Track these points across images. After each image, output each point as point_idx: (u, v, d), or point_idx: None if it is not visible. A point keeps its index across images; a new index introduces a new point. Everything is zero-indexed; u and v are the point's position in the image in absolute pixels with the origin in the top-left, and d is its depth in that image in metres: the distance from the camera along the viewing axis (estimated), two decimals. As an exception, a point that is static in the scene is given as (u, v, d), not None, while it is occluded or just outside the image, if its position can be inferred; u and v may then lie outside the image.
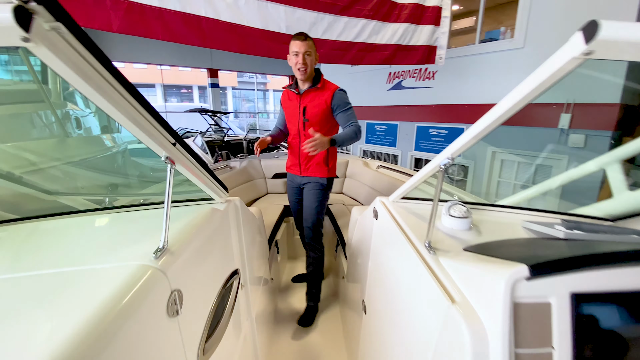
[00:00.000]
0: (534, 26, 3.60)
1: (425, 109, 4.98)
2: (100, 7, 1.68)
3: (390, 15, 2.70)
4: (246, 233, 1.22)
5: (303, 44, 1.68)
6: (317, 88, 1.80)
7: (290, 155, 2.03)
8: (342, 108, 1.79)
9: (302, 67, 1.71)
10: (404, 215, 1.00)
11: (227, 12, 2.08)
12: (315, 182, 1.94)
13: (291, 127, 1.94)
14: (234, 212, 1.11)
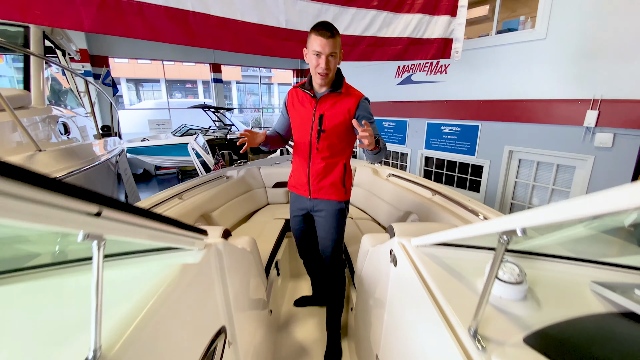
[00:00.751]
0: (558, 15, 3.31)
1: (437, 104, 4.71)
2: (69, 4, 1.46)
3: (403, 5, 2.43)
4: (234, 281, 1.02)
5: (328, 42, 1.34)
6: (339, 93, 1.48)
7: (296, 172, 1.68)
8: (368, 119, 1.47)
9: (324, 71, 1.39)
10: (431, 268, 0.79)
11: (218, 6, 1.83)
12: (331, 208, 1.60)
13: (299, 136, 1.58)
14: (216, 260, 0.90)
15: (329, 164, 1.55)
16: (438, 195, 1.97)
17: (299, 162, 1.63)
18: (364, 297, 1.42)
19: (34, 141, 1.74)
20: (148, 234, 0.59)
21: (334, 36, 1.35)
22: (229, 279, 0.96)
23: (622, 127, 2.98)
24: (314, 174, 1.58)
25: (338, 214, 1.61)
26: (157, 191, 7.24)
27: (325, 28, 1.34)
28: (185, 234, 0.74)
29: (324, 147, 1.52)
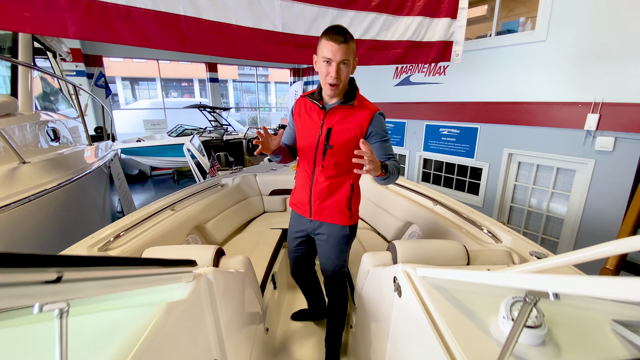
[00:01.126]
0: (558, 17, 3.26)
1: (435, 106, 4.66)
2: (52, 9, 1.37)
3: (403, 7, 2.36)
4: (227, 309, 0.95)
5: (340, 48, 1.19)
6: (351, 106, 1.33)
7: (298, 189, 1.54)
8: (381, 137, 1.34)
9: (335, 81, 1.25)
10: (439, 303, 0.73)
11: (211, 9, 1.75)
12: (333, 232, 1.46)
13: (304, 150, 1.45)
14: (206, 291, 0.84)
15: (334, 183, 1.41)
16: (439, 205, 1.91)
17: (302, 178, 1.50)
18: (364, 318, 1.36)
19: (17, 153, 1.66)
20: (126, 283, 0.52)
21: (347, 41, 1.21)
22: (220, 309, 0.90)
23: (624, 131, 2.94)
24: (316, 193, 1.44)
25: (341, 240, 1.47)
26: (153, 193, 7.12)
27: (337, 32, 1.20)
28: (170, 272, 0.68)
29: (330, 164, 1.38)
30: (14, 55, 2.42)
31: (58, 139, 2.53)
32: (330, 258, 1.52)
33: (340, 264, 1.53)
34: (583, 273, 1.11)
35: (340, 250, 1.50)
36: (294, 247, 1.66)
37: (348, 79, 1.32)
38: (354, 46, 1.27)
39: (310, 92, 1.44)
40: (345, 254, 1.53)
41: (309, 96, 1.42)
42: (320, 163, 1.39)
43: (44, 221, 1.84)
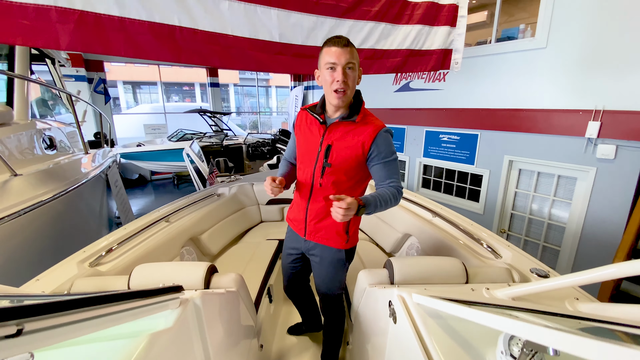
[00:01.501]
0: (558, 24, 3.24)
1: (435, 112, 4.64)
2: (44, 20, 1.36)
3: (402, 16, 2.34)
4: (216, 332, 0.92)
5: (344, 51, 1.13)
6: (353, 121, 1.24)
7: (295, 206, 1.47)
8: (384, 157, 1.23)
9: (342, 87, 1.16)
10: (434, 333, 0.70)
11: (207, 20, 1.73)
12: (328, 255, 1.39)
13: (302, 167, 1.37)
14: (193, 318, 0.81)
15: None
16: (438, 217, 1.88)
17: (299, 195, 1.42)
18: (361, 337, 1.33)
19: (8, 165, 1.64)
20: (101, 323, 0.49)
21: (350, 45, 1.16)
22: (209, 334, 0.87)
23: (625, 138, 2.91)
24: (312, 212, 1.36)
25: (336, 263, 1.39)
26: (153, 197, 7.10)
27: (338, 37, 1.17)
28: (154, 302, 0.65)
29: (328, 183, 1.29)
30: (10, 62, 2.41)
31: (55, 147, 2.52)
32: (325, 281, 1.46)
33: (335, 286, 1.47)
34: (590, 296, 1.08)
35: (335, 274, 1.43)
36: (288, 263, 1.60)
37: (355, 89, 1.25)
38: (357, 54, 1.21)
39: (312, 105, 1.37)
40: (341, 277, 1.46)
41: (310, 109, 1.34)
42: (318, 181, 1.31)
43: (38, 233, 1.82)
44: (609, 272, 0.73)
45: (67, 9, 1.41)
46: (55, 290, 1.13)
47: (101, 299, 0.49)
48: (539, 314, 0.77)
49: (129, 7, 1.53)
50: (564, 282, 0.84)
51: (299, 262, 1.57)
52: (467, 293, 1.05)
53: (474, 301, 0.81)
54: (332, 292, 1.48)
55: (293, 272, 1.61)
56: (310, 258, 1.49)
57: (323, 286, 1.48)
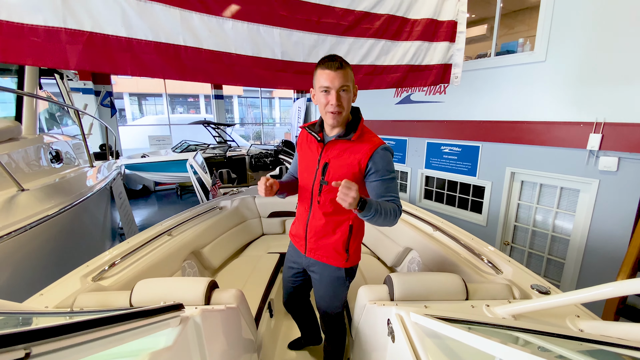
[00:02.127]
0: (557, 37, 3.29)
1: (436, 124, 4.67)
2: (53, 41, 1.41)
3: (401, 33, 2.40)
4: (216, 350, 0.93)
5: (337, 74, 1.14)
6: (349, 140, 1.24)
7: (297, 222, 1.48)
8: (382, 175, 1.22)
9: (337, 109, 1.18)
10: (432, 354, 0.70)
11: (211, 39, 1.79)
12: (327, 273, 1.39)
13: (302, 184, 1.39)
14: (193, 336, 0.82)
15: (331, 221, 1.32)
16: (439, 231, 1.88)
17: (300, 212, 1.43)
18: (361, 354, 1.33)
19: (15, 181, 1.68)
20: (106, 343, 0.51)
21: (343, 67, 1.16)
22: (209, 352, 0.88)
23: (627, 151, 2.91)
24: (312, 230, 1.37)
25: (335, 281, 1.39)
26: (156, 208, 7.15)
27: (331, 59, 1.16)
28: (155, 320, 0.66)
29: (326, 201, 1.30)
30: (20, 77, 2.49)
31: (61, 160, 2.57)
32: (324, 298, 1.46)
33: (335, 305, 1.46)
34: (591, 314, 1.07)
35: (335, 292, 1.42)
36: (289, 277, 1.60)
37: (350, 107, 1.26)
38: (352, 73, 1.22)
39: (311, 124, 1.39)
40: (340, 295, 1.46)
41: (310, 127, 1.36)
42: (316, 199, 1.32)
43: (43, 246, 1.84)
44: (608, 290, 0.74)
45: (77, 30, 1.47)
46: (58, 305, 1.14)
47: (105, 320, 0.50)
48: (540, 335, 0.77)
49: (135, 28, 1.58)
50: (565, 300, 0.85)
51: (299, 277, 1.57)
52: (467, 310, 1.05)
53: (473, 320, 0.81)
54: (331, 310, 1.47)
55: (294, 286, 1.61)
56: (311, 275, 1.49)
57: (323, 304, 1.48)
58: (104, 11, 1.51)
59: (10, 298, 0.87)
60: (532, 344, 0.78)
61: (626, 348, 0.73)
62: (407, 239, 2.03)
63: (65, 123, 3.50)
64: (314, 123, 1.38)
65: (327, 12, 2.15)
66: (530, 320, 1.01)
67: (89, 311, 1.05)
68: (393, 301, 1.12)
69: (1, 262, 1.48)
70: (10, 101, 2.41)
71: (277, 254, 2.26)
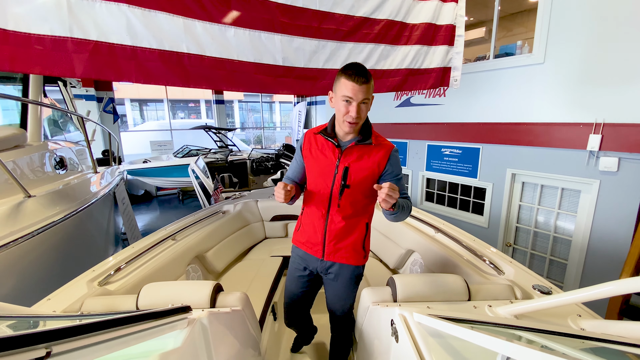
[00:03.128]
0: (555, 39, 3.31)
1: (437, 127, 4.69)
2: (60, 50, 1.45)
3: (400, 37, 2.43)
4: (222, 351, 0.94)
5: (362, 89, 1.18)
6: (368, 144, 1.32)
7: (307, 229, 1.47)
8: (396, 175, 1.34)
9: (355, 120, 1.24)
10: (436, 353, 0.71)
11: (214, 46, 1.82)
12: (347, 273, 1.43)
13: (317, 190, 1.39)
14: (200, 337, 0.84)
15: (350, 223, 1.38)
16: (440, 233, 1.89)
17: (313, 218, 1.44)
18: (365, 355, 1.34)
19: (22, 187, 1.70)
20: (119, 343, 0.53)
21: (369, 81, 1.20)
22: (215, 353, 0.89)
23: (627, 151, 2.92)
24: (331, 234, 1.39)
25: (353, 279, 1.45)
26: (158, 213, 7.15)
27: (359, 73, 1.19)
28: (165, 322, 0.68)
29: (347, 204, 1.35)
30: (25, 84, 2.52)
31: (65, 166, 2.59)
32: (341, 298, 1.49)
33: (349, 303, 1.51)
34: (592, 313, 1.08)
35: (352, 290, 1.48)
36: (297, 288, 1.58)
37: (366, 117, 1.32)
38: (373, 84, 1.26)
39: (322, 128, 1.41)
40: (355, 292, 1.50)
41: (323, 132, 1.38)
42: (336, 203, 1.35)
43: (49, 252, 1.86)
44: (609, 289, 0.75)
45: (83, 39, 1.50)
46: (66, 309, 1.16)
47: (118, 321, 0.52)
48: (542, 333, 0.78)
49: (140, 37, 1.62)
50: (566, 300, 0.86)
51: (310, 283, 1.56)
52: (469, 311, 1.06)
53: (476, 320, 0.83)
54: (346, 308, 1.51)
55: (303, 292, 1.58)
56: (326, 277, 1.50)
57: (338, 304, 1.51)
58: (109, 21, 1.55)
59: (18, 303, 0.89)
60: (535, 342, 0.79)
61: (628, 345, 0.74)
62: (409, 241, 2.05)
63: (68, 130, 3.54)
64: (325, 127, 1.40)
65: (327, 18, 2.19)
66: (532, 320, 1.02)
67: (99, 314, 1.07)
68: (396, 302, 1.14)
69: (9, 268, 1.51)
70: (15, 109, 2.45)
71: (280, 257, 2.27)
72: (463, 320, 0.82)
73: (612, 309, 2.54)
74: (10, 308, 0.84)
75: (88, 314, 1.11)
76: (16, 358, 0.35)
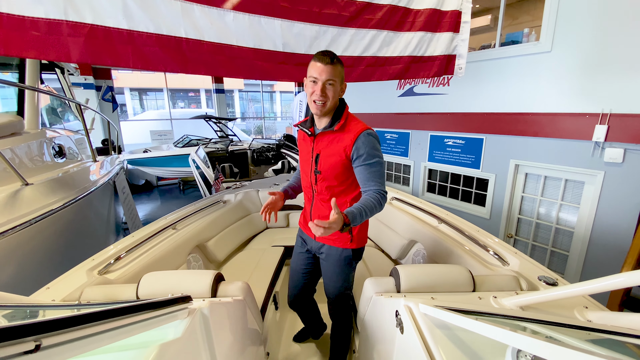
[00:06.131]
0: (563, 27, 3.23)
1: (440, 117, 4.63)
2: (55, 34, 1.40)
3: (404, 23, 2.36)
4: (224, 341, 0.93)
5: (326, 68, 1.23)
6: (334, 131, 1.33)
7: (304, 212, 1.63)
8: (365, 160, 1.28)
9: (320, 99, 1.26)
10: (442, 345, 0.70)
11: (212, 31, 1.77)
12: (335, 254, 1.48)
13: (303, 177, 1.52)
14: (201, 327, 0.82)
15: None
16: (444, 223, 1.87)
17: (305, 202, 1.57)
18: (367, 346, 1.33)
19: (19, 175, 1.68)
20: (115, 335, 0.51)
21: (334, 63, 1.24)
22: (217, 342, 0.88)
23: (633, 142, 2.88)
24: (315, 216, 1.48)
25: (342, 261, 1.48)
26: (159, 202, 7.16)
27: (324, 53, 1.25)
28: (164, 312, 0.66)
29: (323, 188, 1.41)
30: (21, 72, 2.47)
31: (64, 155, 2.56)
32: (332, 279, 1.53)
33: (342, 285, 1.53)
34: (599, 305, 1.06)
35: (342, 272, 1.50)
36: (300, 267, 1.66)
37: (335, 101, 1.32)
38: (342, 70, 1.29)
39: (302, 121, 1.49)
40: (348, 276, 1.53)
41: (302, 124, 1.46)
42: (314, 187, 1.44)
43: (48, 240, 1.85)
44: (618, 281, 0.73)
45: (78, 23, 1.45)
46: (65, 298, 1.15)
47: (114, 312, 0.50)
48: (548, 324, 0.77)
49: (137, 20, 1.57)
50: (573, 291, 0.84)
51: (310, 263, 1.65)
52: (474, 302, 1.05)
53: (482, 311, 0.81)
54: (339, 291, 1.54)
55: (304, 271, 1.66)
56: (320, 258, 1.58)
57: (331, 285, 1.54)
58: (105, 3, 1.50)
59: (16, 292, 0.87)
60: (540, 334, 0.78)
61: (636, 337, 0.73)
62: (412, 231, 2.03)
63: (67, 119, 3.50)
64: (306, 120, 1.48)
65: (328, 3, 2.12)
66: (538, 311, 1.00)
67: (97, 304, 1.06)
68: (400, 293, 1.12)
69: (7, 256, 1.49)
70: (12, 97, 2.40)
71: (281, 247, 2.26)
72: (469, 311, 0.80)
73: (613, 301, 2.54)
74: (7, 297, 0.83)
75: (87, 303, 1.10)
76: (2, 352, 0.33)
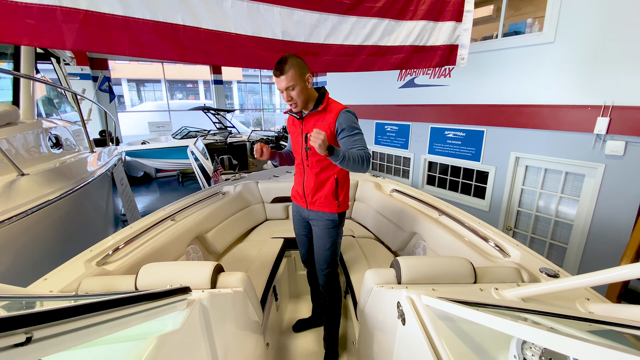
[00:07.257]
0: (567, 18, 3.18)
1: (440, 108, 4.59)
2: (49, 20, 1.36)
3: (406, 12, 2.31)
4: (223, 332, 0.92)
5: (280, 80, 1.47)
6: (318, 111, 1.58)
7: (295, 185, 1.84)
8: (348, 132, 1.53)
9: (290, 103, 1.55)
10: (444, 336, 0.69)
11: (210, 19, 1.72)
12: (325, 219, 1.73)
13: (295, 155, 1.78)
14: (201, 318, 0.81)
15: (321, 178, 1.67)
16: (444, 215, 1.86)
17: (297, 177, 1.81)
18: (368, 338, 1.32)
19: (15, 165, 1.65)
20: (113, 326, 0.49)
21: (283, 72, 1.43)
22: (217, 334, 0.87)
23: (635, 135, 2.86)
24: (307, 188, 1.72)
25: (330, 224, 1.72)
26: (158, 194, 7.14)
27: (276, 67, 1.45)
28: (163, 304, 0.65)
29: (313, 163, 1.65)
30: (16, 61, 2.42)
31: (61, 145, 2.53)
32: (325, 244, 1.74)
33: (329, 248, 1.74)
34: (601, 297, 1.06)
35: (330, 235, 1.73)
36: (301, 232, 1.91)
37: (305, 95, 1.53)
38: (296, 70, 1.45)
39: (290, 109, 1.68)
40: (337, 241, 1.76)
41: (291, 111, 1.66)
42: (305, 163, 1.68)
43: (45, 232, 1.83)
44: (622, 272, 0.72)
45: (72, 9, 1.41)
46: (63, 289, 1.13)
47: (111, 302, 0.48)
48: (550, 316, 0.76)
49: (133, 6, 1.52)
50: (575, 283, 0.83)
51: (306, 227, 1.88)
52: (476, 293, 1.04)
53: (483, 303, 0.80)
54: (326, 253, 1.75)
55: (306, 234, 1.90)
56: (311, 223, 1.81)
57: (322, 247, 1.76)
58: (99, -12, 1.45)
59: (13, 283, 0.86)
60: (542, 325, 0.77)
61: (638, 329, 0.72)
62: (412, 223, 2.02)
63: (63, 110, 3.45)
64: None
65: None
66: (539, 303, 1.00)
67: (95, 295, 1.05)
68: (401, 284, 1.11)
69: (3, 247, 1.47)
70: (8, 87, 2.35)
71: (281, 239, 2.24)
72: (471, 303, 0.79)
73: (611, 294, 2.56)
74: (4, 288, 0.81)
75: (84, 294, 1.09)
76: None
